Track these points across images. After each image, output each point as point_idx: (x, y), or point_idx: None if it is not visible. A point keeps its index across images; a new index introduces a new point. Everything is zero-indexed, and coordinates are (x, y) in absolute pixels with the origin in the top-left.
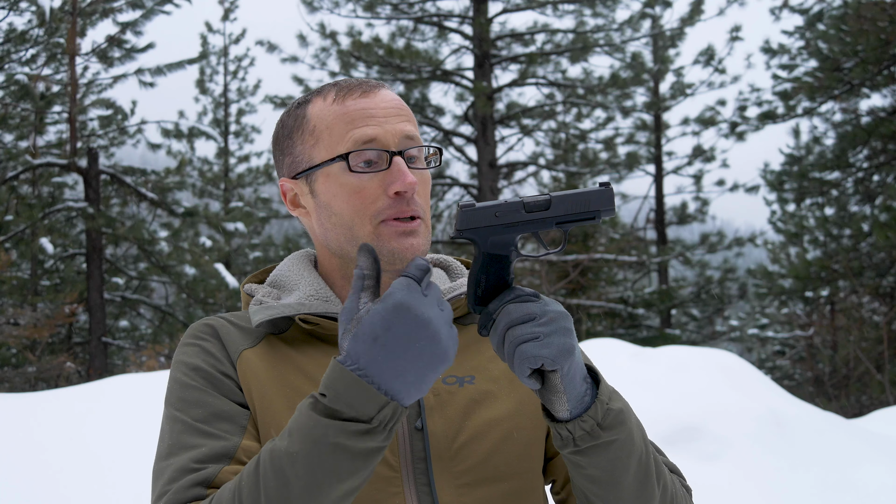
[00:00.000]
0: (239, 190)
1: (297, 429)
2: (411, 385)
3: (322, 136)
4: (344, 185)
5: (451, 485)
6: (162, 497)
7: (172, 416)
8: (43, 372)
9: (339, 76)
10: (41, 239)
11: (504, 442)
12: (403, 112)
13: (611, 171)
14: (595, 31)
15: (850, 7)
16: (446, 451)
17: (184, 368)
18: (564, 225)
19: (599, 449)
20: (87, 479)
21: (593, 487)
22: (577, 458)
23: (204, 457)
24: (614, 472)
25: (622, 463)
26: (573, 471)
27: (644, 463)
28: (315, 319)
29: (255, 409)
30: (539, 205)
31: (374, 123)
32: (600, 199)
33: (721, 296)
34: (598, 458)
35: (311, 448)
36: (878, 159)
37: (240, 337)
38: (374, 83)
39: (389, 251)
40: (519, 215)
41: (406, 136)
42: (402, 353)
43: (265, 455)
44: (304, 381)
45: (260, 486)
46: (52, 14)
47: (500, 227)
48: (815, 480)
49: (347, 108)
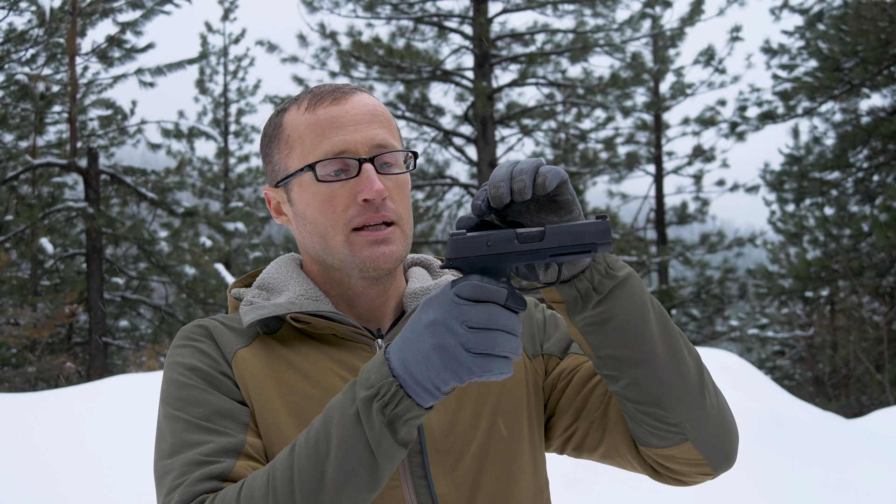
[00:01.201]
0: (239, 190)
1: (332, 406)
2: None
3: (295, 145)
4: (316, 194)
5: (447, 476)
6: (174, 491)
7: (172, 415)
8: (43, 372)
9: (339, 76)
10: (41, 239)
11: (493, 429)
12: (377, 118)
13: (611, 171)
14: (595, 31)
15: (850, 7)
16: (441, 444)
17: (180, 369)
18: (558, 258)
19: (617, 290)
20: (87, 479)
21: (621, 349)
22: (599, 314)
23: (213, 451)
24: (636, 316)
25: (642, 305)
26: (597, 342)
27: (658, 309)
28: (306, 318)
29: (254, 407)
30: (532, 236)
31: (343, 132)
32: (597, 233)
33: (721, 296)
34: (618, 303)
35: (339, 421)
36: (878, 159)
37: (233, 337)
38: (347, 89)
39: (361, 260)
40: (511, 245)
41: (377, 144)
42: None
43: (300, 437)
44: (298, 379)
45: (294, 462)
46: (52, 14)
47: (491, 258)
48: (815, 480)
49: (318, 116)
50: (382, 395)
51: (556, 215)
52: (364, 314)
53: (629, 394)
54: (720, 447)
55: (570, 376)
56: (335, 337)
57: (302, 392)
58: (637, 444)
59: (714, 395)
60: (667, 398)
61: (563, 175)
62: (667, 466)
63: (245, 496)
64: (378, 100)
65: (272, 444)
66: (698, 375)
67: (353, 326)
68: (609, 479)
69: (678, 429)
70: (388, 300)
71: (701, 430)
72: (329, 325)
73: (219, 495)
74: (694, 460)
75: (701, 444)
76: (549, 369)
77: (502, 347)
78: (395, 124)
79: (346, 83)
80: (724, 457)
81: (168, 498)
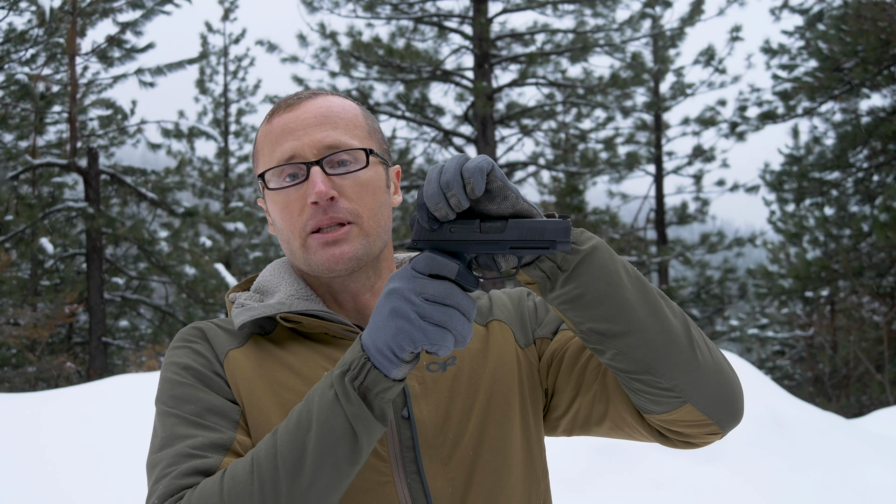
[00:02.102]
0: (239, 190)
1: (313, 389)
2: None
3: (259, 156)
4: (276, 202)
5: (440, 470)
6: (161, 480)
7: (164, 412)
8: (43, 372)
9: (339, 76)
10: (41, 239)
11: (484, 422)
12: (329, 119)
13: (611, 171)
14: (595, 31)
15: (850, 7)
16: (434, 438)
17: (175, 368)
18: (518, 251)
19: (584, 265)
20: (88, 478)
21: (601, 323)
22: (569, 291)
23: (201, 445)
24: (609, 287)
25: (613, 275)
26: (576, 318)
27: (634, 275)
28: (297, 318)
29: (244, 406)
30: (495, 227)
31: (292, 138)
32: (556, 231)
33: (721, 296)
34: (588, 277)
35: (319, 399)
36: (878, 159)
37: (226, 339)
38: (305, 95)
39: (317, 263)
40: (473, 234)
41: (326, 146)
42: None
43: (283, 422)
44: (290, 377)
45: (276, 441)
46: (52, 14)
47: (452, 243)
48: (815, 481)
49: (273, 126)
50: (353, 368)
51: (493, 203)
52: (354, 311)
53: (618, 364)
54: (722, 404)
55: (562, 354)
56: (327, 335)
57: (293, 389)
58: (640, 412)
59: (707, 350)
60: (656, 364)
61: (485, 168)
62: (674, 430)
63: (228, 482)
64: (347, 101)
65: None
66: (686, 335)
67: (343, 324)
68: (609, 479)
69: (674, 392)
70: (376, 296)
71: (698, 390)
72: (320, 324)
73: (198, 488)
74: (698, 421)
75: (701, 404)
76: (542, 352)
77: (454, 325)
78: (363, 123)
79: (313, 89)
80: (728, 413)
81: (155, 487)
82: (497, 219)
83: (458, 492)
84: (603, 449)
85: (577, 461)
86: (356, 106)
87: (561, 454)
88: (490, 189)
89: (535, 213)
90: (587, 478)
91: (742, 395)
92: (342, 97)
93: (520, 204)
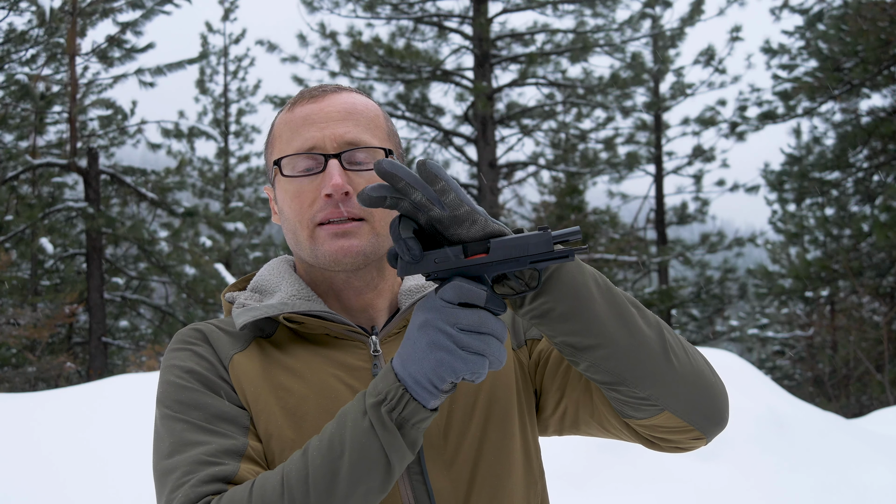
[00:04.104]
0: (239, 190)
1: (345, 412)
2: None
3: (275, 143)
4: (287, 190)
5: (444, 472)
6: (179, 489)
7: (170, 416)
8: (43, 372)
9: (339, 76)
10: (41, 239)
11: (485, 423)
12: (352, 116)
13: (611, 171)
14: (595, 31)
15: (850, 7)
16: (437, 439)
17: (177, 371)
18: (538, 265)
19: (551, 281)
20: (88, 478)
21: (571, 337)
22: (538, 306)
23: (216, 452)
24: (578, 302)
25: (583, 288)
26: (547, 332)
27: (605, 286)
28: (299, 318)
29: (251, 412)
30: (478, 250)
31: (314, 129)
32: (539, 245)
33: (721, 296)
34: (556, 293)
35: (352, 425)
36: (878, 159)
37: (229, 342)
38: (330, 88)
39: (324, 254)
40: (457, 261)
41: (346, 141)
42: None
43: (313, 440)
44: (293, 381)
45: (308, 462)
46: (52, 14)
47: (441, 273)
48: (815, 481)
49: (294, 115)
50: (389, 399)
51: (462, 228)
52: (355, 310)
53: (593, 375)
54: (702, 410)
55: (549, 354)
56: (329, 336)
57: (297, 394)
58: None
59: (686, 357)
60: (629, 375)
61: (381, 190)
62: (656, 435)
63: (257, 497)
64: (370, 101)
65: (270, 447)
66: (660, 344)
67: (345, 324)
68: (611, 475)
69: (650, 401)
70: (380, 296)
71: (675, 398)
72: (322, 325)
73: (225, 496)
74: (678, 427)
75: (679, 411)
76: (531, 352)
77: (492, 352)
78: (384, 124)
79: (338, 83)
80: (709, 419)
81: (171, 496)
82: (476, 241)
83: (461, 493)
84: (604, 445)
85: (579, 457)
86: (378, 107)
87: (563, 450)
88: (457, 215)
89: (506, 231)
90: (589, 474)
91: (726, 399)
92: (365, 96)
93: (489, 226)
